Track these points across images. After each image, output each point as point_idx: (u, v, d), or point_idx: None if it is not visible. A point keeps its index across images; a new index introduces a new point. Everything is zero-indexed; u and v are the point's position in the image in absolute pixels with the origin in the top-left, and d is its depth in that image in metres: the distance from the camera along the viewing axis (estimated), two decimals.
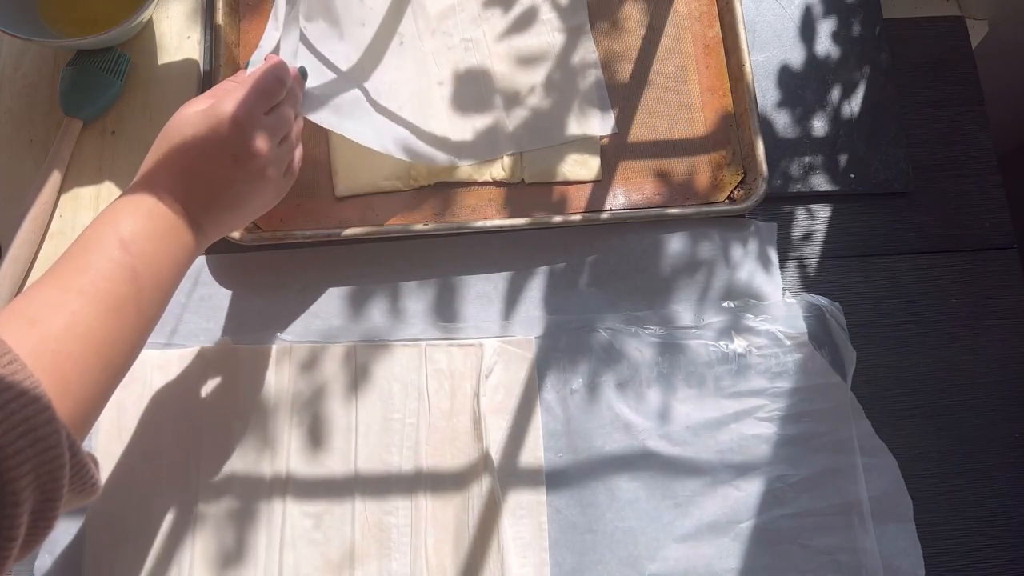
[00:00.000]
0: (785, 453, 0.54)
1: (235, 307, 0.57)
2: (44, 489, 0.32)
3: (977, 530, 0.55)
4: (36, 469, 0.31)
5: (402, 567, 0.52)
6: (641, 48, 0.63)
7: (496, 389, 0.55)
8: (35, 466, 0.31)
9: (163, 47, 0.63)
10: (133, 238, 0.41)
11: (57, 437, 0.32)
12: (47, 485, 0.32)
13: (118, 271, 0.40)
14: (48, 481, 0.32)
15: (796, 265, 0.60)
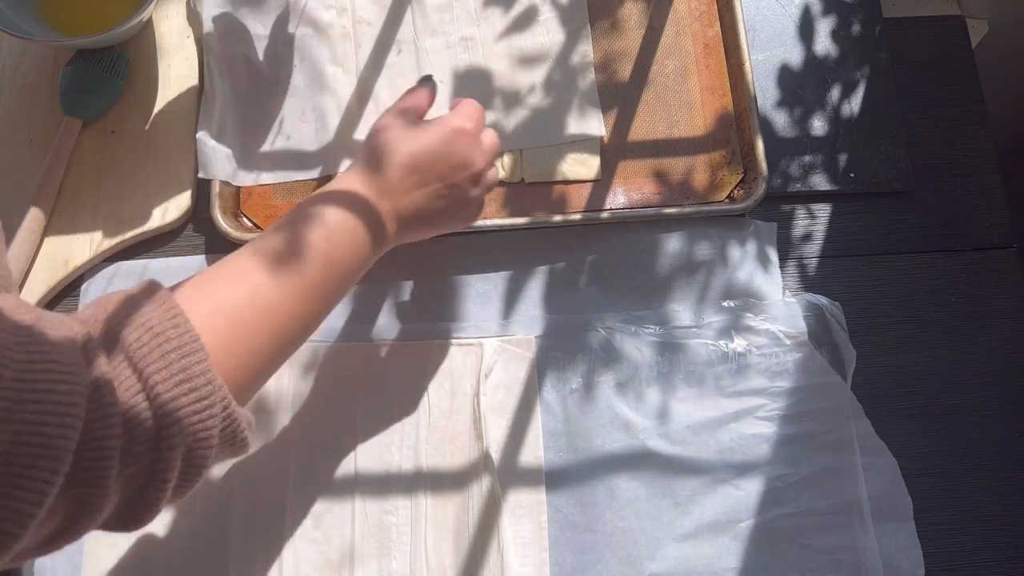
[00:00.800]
0: (785, 452, 0.54)
1: None
2: (196, 437, 0.34)
3: (977, 529, 0.55)
4: (189, 417, 0.34)
5: (402, 566, 0.52)
6: (641, 47, 0.63)
7: (496, 388, 0.55)
8: (188, 414, 0.34)
9: (163, 47, 0.63)
10: (334, 227, 0.42)
11: (211, 388, 0.34)
12: (199, 433, 0.34)
13: (312, 254, 0.41)
14: (200, 430, 0.34)
15: (796, 264, 0.60)
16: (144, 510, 0.34)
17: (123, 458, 0.32)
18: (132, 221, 0.58)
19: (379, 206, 0.45)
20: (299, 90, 0.62)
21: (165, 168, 0.60)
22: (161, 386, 0.33)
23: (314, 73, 0.62)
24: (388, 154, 0.45)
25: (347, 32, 0.63)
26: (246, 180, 0.59)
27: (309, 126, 0.61)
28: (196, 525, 0.52)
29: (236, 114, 0.60)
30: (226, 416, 0.36)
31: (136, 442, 0.32)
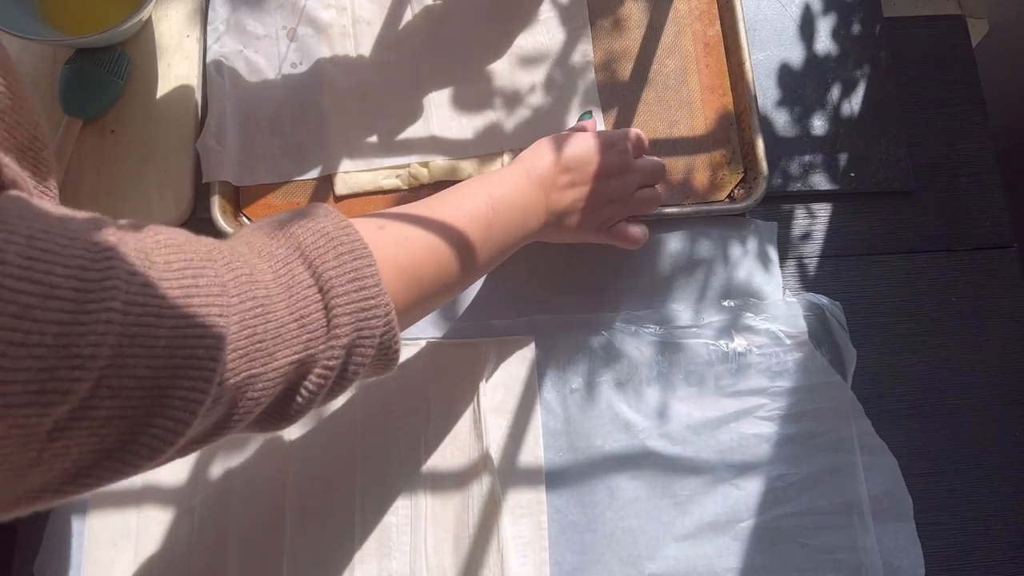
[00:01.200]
0: (785, 452, 0.54)
1: None
2: (361, 334, 0.36)
3: (977, 529, 0.55)
4: (357, 313, 0.36)
5: (402, 566, 0.52)
6: (641, 47, 0.63)
7: (496, 388, 0.55)
8: (356, 310, 0.36)
9: (162, 46, 0.63)
10: (500, 199, 0.47)
11: (378, 291, 0.37)
12: (363, 331, 0.36)
13: (477, 216, 0.45)
14: (364, 328, 0.36)
15: (796, 264, 0.60)
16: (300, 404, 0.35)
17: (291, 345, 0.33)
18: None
19: (537, 195, 0.49)
20: (299, 90, 0.62)
21: (165, 168, 0.60)
22: (334, 280, 0.35)
23: (314, 73, 0.62)
24: (548, 153, 0.51)
25: (347, 31, 0.63)
26: (245, 180, 0.59)
27: (308, 126, 0.61)
28: (196, 525, 0.52)
29: (236, 114, 0.60)
30: (387, 322, 0.38)
31: (306, 330, 0.34)
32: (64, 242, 0.25)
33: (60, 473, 0.27)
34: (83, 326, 0.25)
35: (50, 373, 0.24)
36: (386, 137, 0.61)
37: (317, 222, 0.37)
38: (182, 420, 0.28)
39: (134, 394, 0.27)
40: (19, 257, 0.23)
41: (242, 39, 0.62)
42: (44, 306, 0.24)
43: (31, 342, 0.23)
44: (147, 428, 0.28)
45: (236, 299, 0.31)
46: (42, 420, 0.24)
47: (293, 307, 0.34)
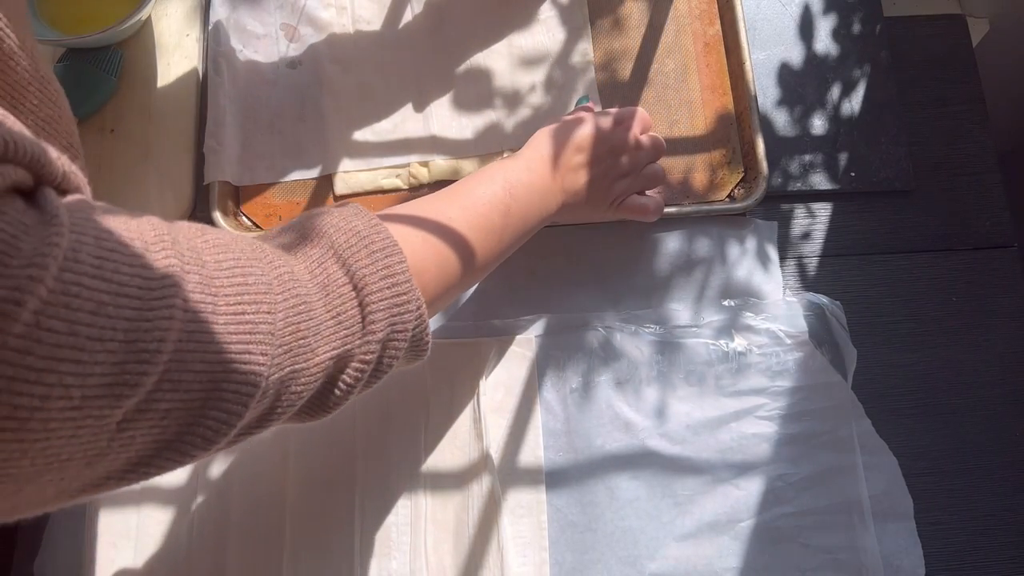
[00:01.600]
0: (785, 452, 0.54)
1: None
2: (395, 328, 0.38)
3: (977, 529, 0.55)
4: (390, 309, 0.37)
5: (402, 566, 0.52)
6: (641, 46, 0.63)
7: (496, 388, 0.55)
8: (390, 306, 0.37)
9: (162, 45, 0.63)
10: (517, 184, 0.48)
11: (409, 286, 0.38)
12: (396, 325, 0.38)
13: (496, 202, 0.47)
14: (398, 322, 0.38)
15: (796, 263, 0.60)
16: (338, 396, 0.37)
17: (330, 341, 0.35)
18: None
19: (552, 177, 0.50)
20: (299, 89, 0.62)
21: (164, 167, 0.59)
22: (368, 278, 0.37)
23: (314, 73, 0.62)
24: (558, 135, 0.52)
25: (347, 31, 0.63)
26: (245, 179, 0.59)
27: (308, 125, 0.61)
28: (196, 524, 0.52)
29: (236, 113, 0.60)
30: (418, 316, 0.39)
31: (343, 326, 0.36)
32: (128, 242, 0.26)
33: (124, 462, 0.28)
34: (149, 322, 0.26)
35: (121, 367, 0.25)
36: (386, 137, 0.61)
37: (348, 221, 0.38)
38: (235, 412, 0.30)
39: (192, 387, 0.28)
40: (91, 257, 0.25)
41: (242, 38, 0.62)
42: (115, 303, 0.25)
43: (106, 337, 0.25)
44: (203, 420, 0.29)
45: (281, 296, 0.33)
46: (114, 412, 0.25)
47: (330, 305, 0.35)
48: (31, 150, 0.25)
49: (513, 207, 0.47)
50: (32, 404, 0.23)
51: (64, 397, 0.24)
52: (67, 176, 0.27)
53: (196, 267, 0.29)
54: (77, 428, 0.25)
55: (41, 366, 0.23)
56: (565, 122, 0.53)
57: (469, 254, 0.45)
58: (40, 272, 0.23)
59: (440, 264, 0.43)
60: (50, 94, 0.36)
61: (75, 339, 0.24)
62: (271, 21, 0.63)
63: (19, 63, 0.35)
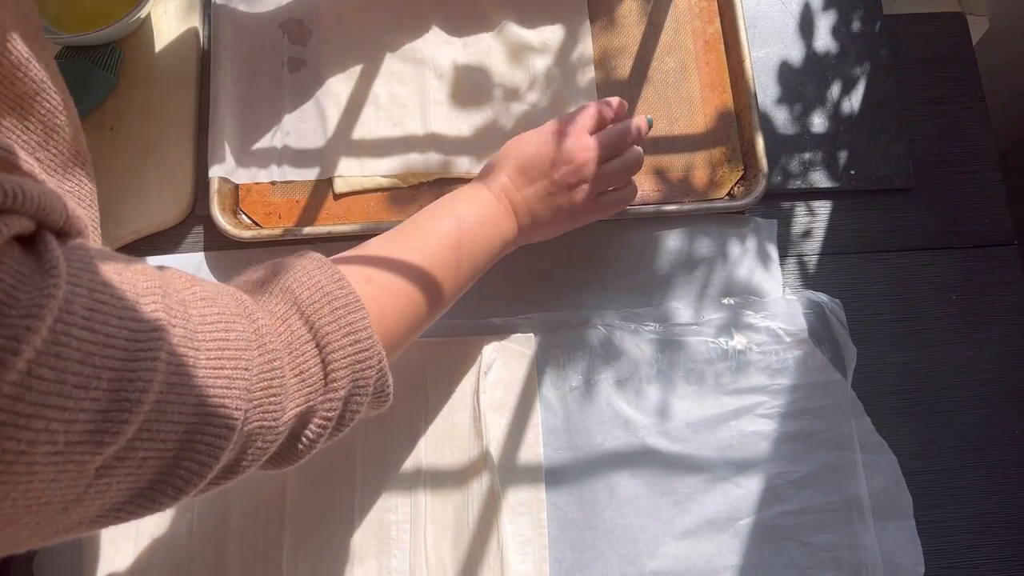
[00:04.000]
0: (785, 450, 0.54)
1: None
2: (357, 383, 0.38)
3: (977, 527, 0.55)
4: (352, 365, 0.38)
5: (401, 564, 0.52)
6: (641, 44, 0.63)
7: (496, 386, 0.55)
8: (351, 363, 0.38)
9: (162, 43, 0.63)
10: (465, 217, 0.48)
11: (371, 343, 0.39)
12: (359, 381, 0.39)
13: (447, 239, 0.47)
14: (360, 378, 0.39)
15: (796, 262, 0.60)
16: (301, 450, 0.38)
17: (294, 398, 0.36)
18: (131, 218, 0.58)
19: (501, 202, 0.50)
20: (299, 89, 0.62)
21: (164, 165, 0.59)
22: (331, 336, 0.37)
23: (314, 71, 0.62)
24: (503, 159, 0.52)
25: (346, 29, 0.63)
26: (245, 178, 0.59)
27: (308, 125, 0.61)
28: (195, 524, 0.52)
29: (236, 112, 0.60)
30: (379, 370, 0.40)
31: (306, 384, 0.36)
32: (119, 294, 0.27)
33: (98, 509, 0.29)
34: (133, 372, 0.27)
35: (104, 415, 0.26)
36: (385, 135, 0.61)
37: (312, 276, 0.39)
38: (206, 463, 0.31)
39: (169, 437, 0.29)
40: (83, 308, 0.26)
41: (243, 37, 0.62)
42: (102, 353, 0.26)
43: (92, 385, 0.26)
44: (176, 469, 0.30)
45: (256, 352, 0.33)
46: (94, 458, 0.26)
47: (294, 363, 0.36)
48: (37, 200, 0.26)
49: (464, 241, 0.47)
50: (19, 448, 0.24)
51: (49, 442, 0.25)
52: (69, 220, 0.28)
53: (182, 320, 0.30)
54: (58, 472, 0.25)
55: (30, 412, 0.24)
56: (508, 146, 0.52)
57: (427, 294, 0.45)
58: (36, 323, 0.24)
59: (400, 309, 0.43)
60: (59, 103, 0.37)
61: (63, 387, 0.25)
62: (272, 20, 0.63)
63: (27, 73, 0.35)
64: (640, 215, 0.58)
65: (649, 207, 0.58)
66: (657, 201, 0.60)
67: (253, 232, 0.57)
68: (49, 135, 0.37)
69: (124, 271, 0.29)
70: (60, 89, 0.37)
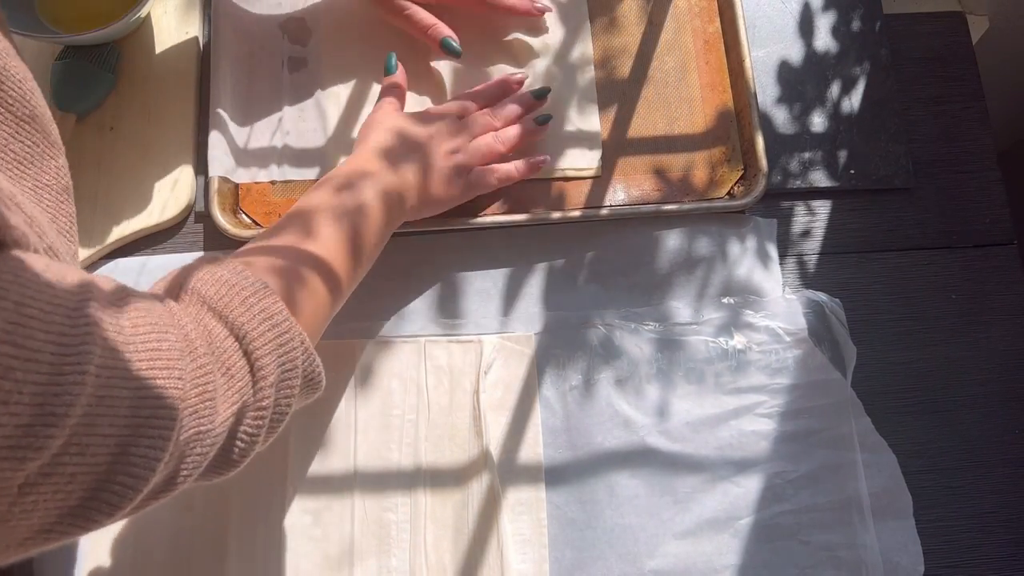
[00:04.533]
0: (785, 449, 0.54)
1: None
2: (284, 369, 0.38)
3: (977, 526, 0.55)
4: (277, 350, 0.37)
5: (401, 563, 0.52)
6: (641, 44, 0.63)
7: (495, 386, 0.55)
8: (275, 347, 0.37)
9: (161, 43, 0.63)
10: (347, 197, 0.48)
11: (290, 324, 0.38)
12: (286, 365, 0.38)
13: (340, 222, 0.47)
14: (286, 362, 0.38)
15: (796, 261, 0.60)
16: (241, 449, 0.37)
17: (227, 398, 0.35)
18: (131, 218, 0.58)
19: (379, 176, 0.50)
20: (299, 87, 0.62)
21: (164, 164, 0.59)
22: (248, 326, 0.37)
23: (314, 71, 0.62)
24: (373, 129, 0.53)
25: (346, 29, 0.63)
26: (245, 178, 0.59)
27: (308, 124, 0.61)
28: (195, 523, 0.52)
29: (236, 111, 0.60)
30: (305, 351, 0.40)
31: (235, 379, 0.36)
32: (49, 308, 0.27)
33: (26, 529, 0.28)
34: (59, 387, 0.26)
35: (27, 429, 0.26)
36: None
37: (212, 273, 0.38)
38: (141, 477, 0.30)
39: (99, 451, 0.29)
40: (5, 323, 0.25)
41: (243, 36, 0.62)
42: (24, 368, 0.25)
43: (11, 400, 0.25)
44: (109, 485, 0.29)
45: (189, 358, 0.33)
46: (16, 474, 0.26)
47: (219, 361, 0.35)
48: None
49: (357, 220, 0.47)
50: None
51: None
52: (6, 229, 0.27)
53: (114, 332, 0.29)
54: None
55: None
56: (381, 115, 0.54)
57: (329, 277, 0.45)
58: None
59: (309, 296, 0.43)
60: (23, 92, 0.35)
61: None
62: (272, 19, 0.63)
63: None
64: (640, 215, 0.58)
65: (649, 207, 0.59)
66: (657, 201, 0.60)
67: (253, 232, 0.57)
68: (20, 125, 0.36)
69: (58, 283, 0.28)
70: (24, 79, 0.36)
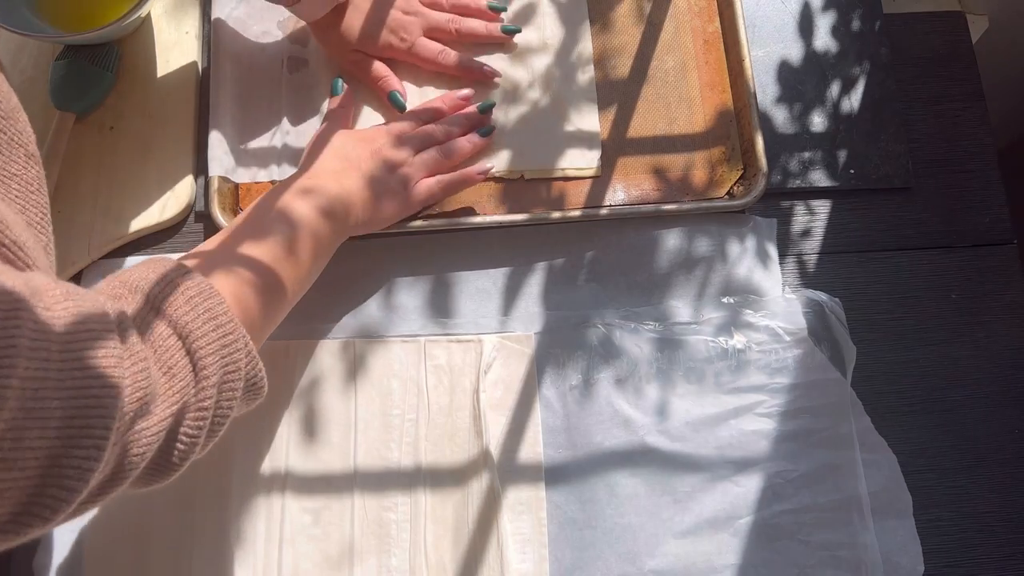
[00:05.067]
0: (784, 449, 0.54)
1: None
2: (227, 370, 0.37)
3: (976, 526, 0.55)
4: (220, 350, 0.37)
5: (401, 563, 0.52)
6: (640, 43, 0.63)
7: (495, 385, 0.55)
8: (218, 347, 0.37)
9: (161, 42, 0.63)
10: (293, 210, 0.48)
11: (235, 326, 0.38)
12: (229, 367, 0.38)
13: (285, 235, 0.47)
14: (230, 363, 0.38)
15: (795, 261, 0.60)
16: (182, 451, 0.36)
17: (167, 398, 0.34)
18: (131, 218, 0.58)
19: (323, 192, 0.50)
20: (299, 87, 0.62)
21: (164, 164, 0.59)
22: (191, 324, 0.36)
23: (314, 70, 0.62)
24: (318, 148, 0.53)
25: None
26: (245, 177, 0.59)
27: (309, 124, 0.61)
28: (195, 522, 0.52)
29: (236, 111, 0.60)
30: (248, 353, 0.39)
31: (176, 379, 0.35)
32: None
33: None
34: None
35: None
36: None
37: (156, 272, 0.38)
38: (74, 488, 0.29)
39: (28, 464, 0.28)
40: None
41: (242, 37, 0.62)
42: None
43: None
44: (39, 498, 0.28)
45: (128, 363, 0.32)
46: None
47: (160, 360, 0.35)
48: None
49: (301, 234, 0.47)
50: None
51: None
52: None
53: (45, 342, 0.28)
54: None
55: None
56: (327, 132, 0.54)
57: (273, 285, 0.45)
58: None
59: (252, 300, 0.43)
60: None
61: None
62: (272, 19, 0.63)
63: None
64: (640, 214, 0.58)
65: (648, 206, 0.59)
66: (656, 200, 0.60)
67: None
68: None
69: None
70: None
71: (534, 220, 0.58)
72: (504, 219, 0.58)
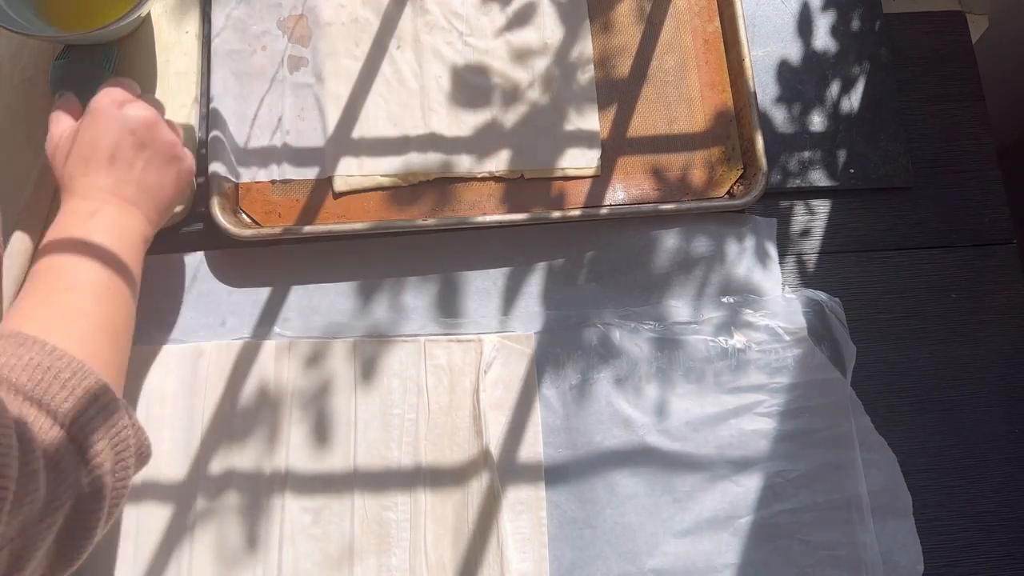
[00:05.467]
0: (784, 448, 0.54)
1: (234, 303, 0.57)
2: (117, 449, 0.36)
3: (976, 525, 0.55)
4: (108, 432, 0.36)
5: (401, 562, 0.52)
6: (640, 43, 0.63)
7: (495, 385, 0.55)
8: (106, 429, 0.36)
9: (161, 42, 0.63)
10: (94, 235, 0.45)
11: (117, 404, 0.37)
12: (118, 445, 0.36)
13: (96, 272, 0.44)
14: (119, 443, 0.36)
15: (795, 260, 0.60)
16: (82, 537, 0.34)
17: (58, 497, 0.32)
18: None
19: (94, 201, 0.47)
20: (299, 87, 0.62)
21: None
22: (73, 412, 0.34)
23: (314, 70, 0.62)
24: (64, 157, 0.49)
25: (346, 28, 0.63)
26: (245, 177, 0.59)
27: (308, 124, 0.61)
28: (196, 522, 0.52)
29: (236, 110, 0.60)
30: (133, 424, 0.37)
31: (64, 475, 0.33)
32: None
33: None
34: None
35: None
36: (385, 135, 0.61)
37: (21, 358, 0.35)
38: None
39: None
40: None
41: (242, 36, 0.62)
42: None
43: None
44: None
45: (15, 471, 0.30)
46: None
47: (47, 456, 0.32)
48: None
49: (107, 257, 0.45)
50: None
51: None
52: None
53: None
54: None
55: None
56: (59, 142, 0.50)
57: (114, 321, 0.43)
58: None
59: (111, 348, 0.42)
60: None
61: None
62: (272, 18, 0.63)
63: None
64: (639, 214, 0.58)
65: (648, 206, 0.59)
66: (656, 200, 0.60)
67: (253, 231, 0.57)
68: None
69: None
70: None
71: (534, 220, 0.58)
72: (504, 219, 0.58)
